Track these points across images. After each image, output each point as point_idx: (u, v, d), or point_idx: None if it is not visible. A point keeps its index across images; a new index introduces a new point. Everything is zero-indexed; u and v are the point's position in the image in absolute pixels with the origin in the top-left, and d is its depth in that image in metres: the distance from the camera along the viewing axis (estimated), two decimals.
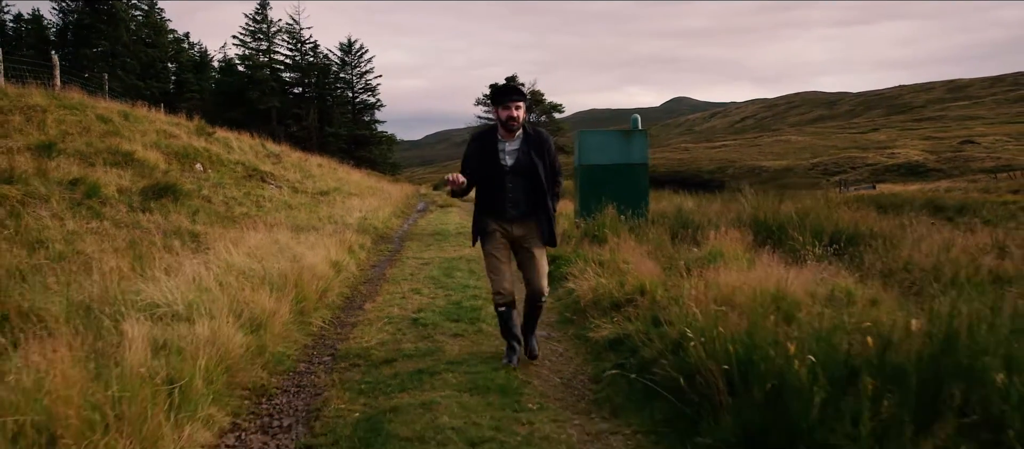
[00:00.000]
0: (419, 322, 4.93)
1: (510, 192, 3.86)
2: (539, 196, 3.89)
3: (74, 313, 3.70)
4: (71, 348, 2.83)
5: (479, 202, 4.01)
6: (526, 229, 3.95)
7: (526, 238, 3.95)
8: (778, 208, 7.72)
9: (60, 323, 3.42)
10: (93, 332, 3.33)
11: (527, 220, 3.94)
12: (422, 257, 8.32)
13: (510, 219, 3.91)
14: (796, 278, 4.53)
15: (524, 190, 3.87)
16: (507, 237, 3.96)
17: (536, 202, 3.91)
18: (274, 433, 3.11)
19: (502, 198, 3.88)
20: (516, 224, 3.92)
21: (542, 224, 3.93)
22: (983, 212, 20.38)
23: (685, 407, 2.89)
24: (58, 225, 6.58)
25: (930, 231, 7.02)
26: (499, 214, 3.91)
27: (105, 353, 3.02)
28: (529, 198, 3.89)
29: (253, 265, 5.59)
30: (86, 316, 3.66)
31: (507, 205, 3.88)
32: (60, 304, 3.77)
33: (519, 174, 3.85)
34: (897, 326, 2.63)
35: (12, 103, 10.70)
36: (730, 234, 6.35)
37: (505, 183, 3.86)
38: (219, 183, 10.83)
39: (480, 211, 4.00)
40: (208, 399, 3.15)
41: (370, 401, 3.39)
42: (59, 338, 2.95)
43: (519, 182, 3.86)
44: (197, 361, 3.24)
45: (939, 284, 4.77)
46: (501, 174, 3.85)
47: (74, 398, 2.42)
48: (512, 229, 3.93)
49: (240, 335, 3.86)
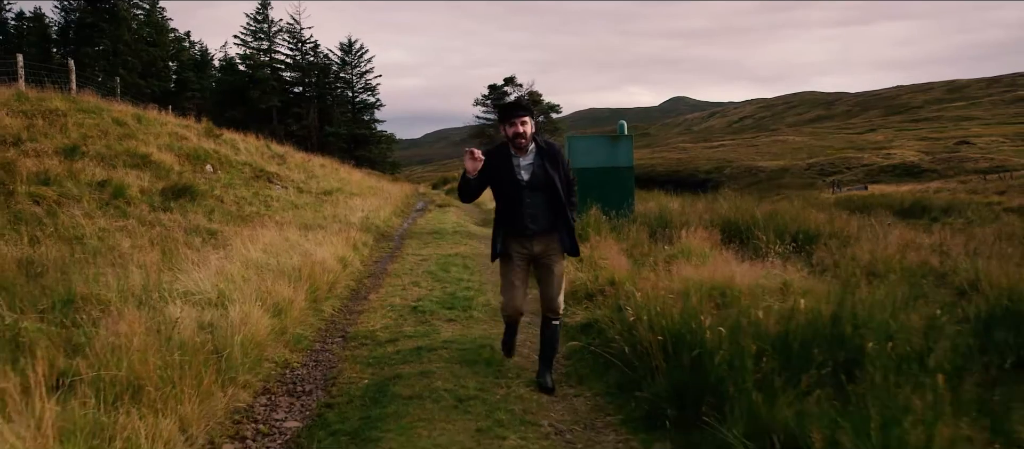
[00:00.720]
0: (418, 310, 5.64)
1: (528, 207, 3.84)
2: (558, 209, 3.87)
3: (126, 298, 4.39)
4: (140, 323, 3.54)
5: (498, 218, 3.99)
6: (546, 244, 3.92)
7: (545, 253, 3.92)
8: (746, 210, 8.43)
9: (119, 305, 4.11)
10: (147, 313, 4.03)
11: (547, 234, 3.91)
12: (421, 254, 9.03)
13: (530, 235, 3.87)
14: (747, 271, 5.25)
15: (542, 204, 3.85)
16: (527, 257, 3.93)
17: (555, 215, 3.88)
18: (298, 396, 3.82)
19: (520, 213, 3.84)
20: (536, 240, 3.89)
21: (563, 236, 3.90)
22: (968, 213, 21.07)
23: (632, 373, 3.60)
24: (90, 223, 7.28)
25: (885, 231, 7.73)
26: (519, 231, 3.87)
27: (162, 329, 3.72)
28: (548, 212, 3.87)
29: (269, 260, 6.31)
30: (136, 301, 4.36)
31: (526, 220, 3.85)
32: (115, 291, 4.46)
33: (536, 189, 3.84)
34: (796, 307, 3.35)
35: (34, 107, 11.37)
36: (699, 233, 7.06)
37: (523, 198, 3.83)
38: (229, 184, 11.53)
39: (499, 228, 3.96)
40: (244, 368, 3.87)
41: (377, 371, 4.10)
42: (127, 316, 3.66)
43: (537, 197, 3.84)
44: (234, 337, 3.95)
45: (874, 276, 5.49)
46: (519, 189, 3.83)
47: (150, 360, 3.13)
48: (533, 246, 3.90)
49: (266, 318, 4.57)
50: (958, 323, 3.84)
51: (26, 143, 9.41)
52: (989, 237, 7.80)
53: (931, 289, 4.89)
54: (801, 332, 3.03)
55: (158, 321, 3.82)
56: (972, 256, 6.00)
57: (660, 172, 64.60)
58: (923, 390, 2.45)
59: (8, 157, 8.20)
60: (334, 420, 3.36)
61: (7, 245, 5.87)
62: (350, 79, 51.50)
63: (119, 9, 49.38)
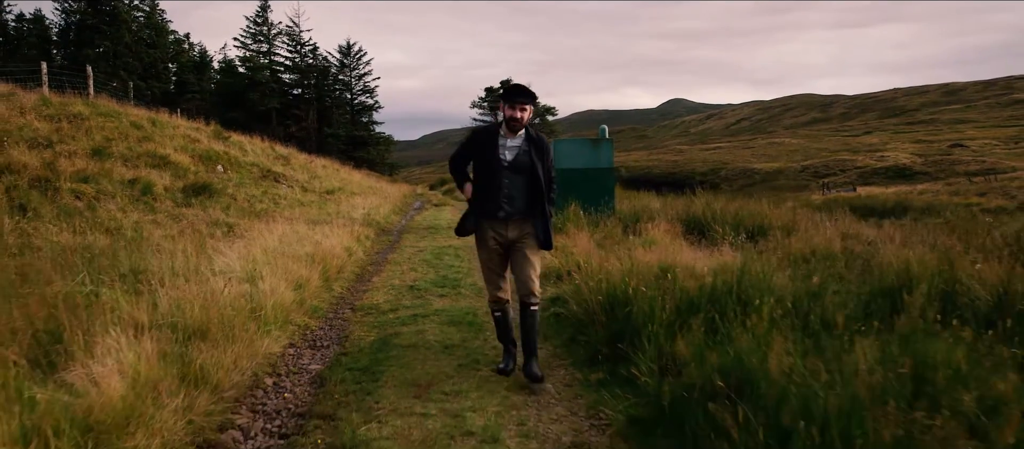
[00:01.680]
0: (414, 288, 6.66)
1: (506, 189, 3.85)
2: (536, 196, 3.89)
3: (176, 274, 5.40)
4: (191, 290, 4.55)
5: (473, 198, 4.00)
6: (521, 230, 3.94)
7: (520, 239, 3.95)
8: (707, 206, 9.47)
9: (170, 279, 5.12)
10: (194, 285, 5.03)
11: (522, 220, 3.93)
12: (417, 246, 10.05)
13: (504, 218, 3.89)
14: (692, 255, 6.27)
15: (521, 188, 3.87)
16: (501, 242, 3.96)
17: (532, 202, 3.91)
18: (318, 348, 4.83)
19: (496, 194, 3.86)
20: (511, 224, 3.92)
21: (538, 226, 3.93)
22: (946, 213, 22.13)
23: (582, 328, 4.63)
24: (124, 216, 8.29)
25: (827, 225, 8.76)
26: (492, 212, 3.90)
27: (210, 295, 4.73)
28: (525, 197, 3.89)
29: (285, 248, 7.31)
30: (183, 276, 5.36)
31: (501, 201, 3.86)
32: (166, 270, 5.47)
33: (517, 171, 3.85)
34: (708, 279, 4.37)
35: (58, 111, 12.37)
36: (663, 226, 8.09)
37: (502, 179, 3.85)
38: (240, 183, 12.54)
39: (473, 208, 4.00)
40: (276, 326, 4.88)
41: (381, 331, 5.12)
42: (180, 285, 4.68)
43: (516, 180, 3.86)
44: (267, 302, 4.96)
45: (804, 259, 6.50)
46: (499, 169, 3.84)
47: (211, 313, 4.14)
48: (507, 232, 3.93)
49: (289, 291, 5.59)
50: (844, 292, 4.85)
51: (57, 145, 10.41)
52: (927, 231, 8.82)
53: (842, 269, 5.91)
54: (705, 293, 4.06)
55: (206, 289, 4.82)
56: (896, 245, 7.00)
57: (656, 174, 65.63)
58: (775, 327, 3.47)
59: (47, 158, 9.20)
60: (348, 362, 4.37)
61: (61, 234, 6.87)
62: (349, 81, 52.57)
63: (119, 11, 50.05)
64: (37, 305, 3.80)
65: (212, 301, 4.32)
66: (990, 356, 2.95)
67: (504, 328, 4.05)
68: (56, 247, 6.17)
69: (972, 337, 3.21)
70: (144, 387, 3.08)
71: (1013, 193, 28.64)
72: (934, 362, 2.79)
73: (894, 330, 3.55)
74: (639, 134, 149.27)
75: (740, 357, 3.07)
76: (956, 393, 2.50)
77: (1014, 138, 71.23)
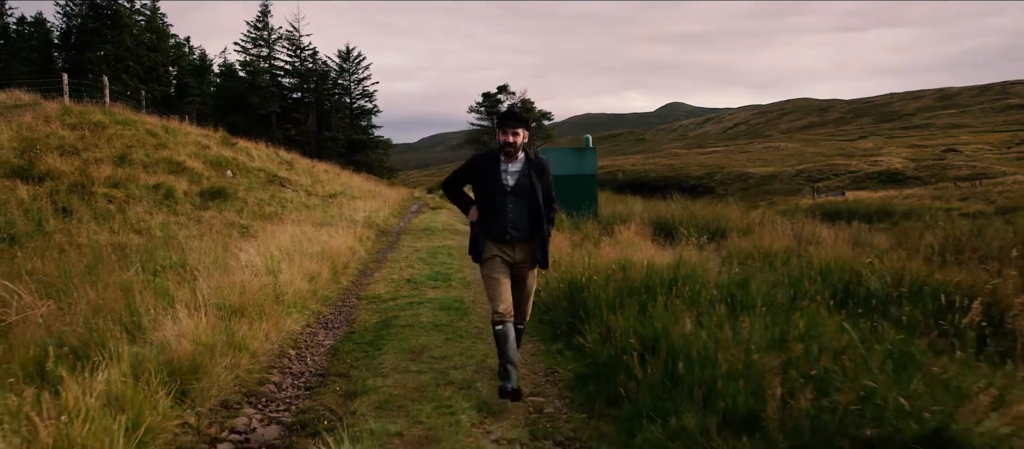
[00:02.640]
0: (411, 281, 7.68)
1: (511, 213, 3.95)
2: (537, 219, 4.01)
3: (207, 267, 6.41)
4: (226, 279, 5.58)
5: (479, 222, 4.08)
6: (525, 253, 4.07)
7: (523, 263, 4.08)
8: (674, 210, 10.53)
9: (206, 270, 6.12)
10: (226, 275, 6.04)
11: (526, 243, 4.04)
12: (414, 246, 11.07)
13: (511, 241, 3.99)
14: (653, 252, 7.29)
15: (524, 212, 3.97)
16: (509, 260, 4.06)
17: (533, 225, 4.02)
18: (330, 328, 5.85)
19: (503, 219, 3.96)
20: (517, 247, 4.03)
21: (537, 247, 4.06)
22: (925, 217, 23.20)
23: (547, 311, 5.65)
24: (150, 218, 9.31)
25: (787, 227, 9.79)
26: (499, 236, 3.99)
27: (241, 282, 5.74)
28: (528, 220, 3.99)
29: (297, 246, 8.33)
30: (218, 268, 6.37)
31: (507, 226, 3.96)
32: (199, 263, 6.48)
33: (520, 195, 3.94)
34: (654, 267, 5.40)
35: (79, 120, 13.39)
36: (634, 228, 9.12)
37: (506, 203, 3.94)
38: (249, 187, 13.56)
39: (480, 232, 4.08)
40: (295, 310, 5.90)
41: (382, 315, 6.14)
42: (220, 276, 5.69)
43: (520, 204, 3.95)
44: (288, 289, 5.99)
45: (752, 257, 7.52)
46: (503, 194, 3.94)
47: (245, 297, 5.16)
48: (514, 253, 4.04)
49: (304, 283, 6.62)
50: (768, 281, 5.87)
51: (84, 152, 11.43)
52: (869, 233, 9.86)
53: (780, 264, 6.93)
54: (642, 281, 5.09)
55: (237, 279, 5.84)
56: (830, 245, 8.04)
57: (652, 178, 66.61)
58: (695, 305, 4.49)
59: (78, 164, 10.22)
60: (356, 338, 5.39)
61: (101, 233, 7.89)
62: (348, 86, 53.64)
63: (121, 15, 50.74)
64: (113, 289, 4.82)
65: (247, 287, 5.34)
66: (838, 324, 3.97)
67: (505, 344, 3.93)
68: (98, 245, 7.18)
69: (838, 314, 4.24)
70: (204, 348, 4.10)
71: (993, 198, 29.70)
72: (789, 328, 3.81)
73: (794, 309, 4.57)
74: (637, 138, 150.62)
75: (655, 327, 4.10)
76: (790, 344, 3.52)
77: (1006, 143, 72.15)
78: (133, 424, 3.09)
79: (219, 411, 3.76)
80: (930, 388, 3.06)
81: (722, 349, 3.50)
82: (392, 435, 3.36)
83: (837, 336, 3.77)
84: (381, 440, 3.29)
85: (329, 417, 3.62)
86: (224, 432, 3.52)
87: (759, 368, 3.33)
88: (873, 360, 3.30)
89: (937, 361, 3.53)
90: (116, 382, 3.26)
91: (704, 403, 3.25)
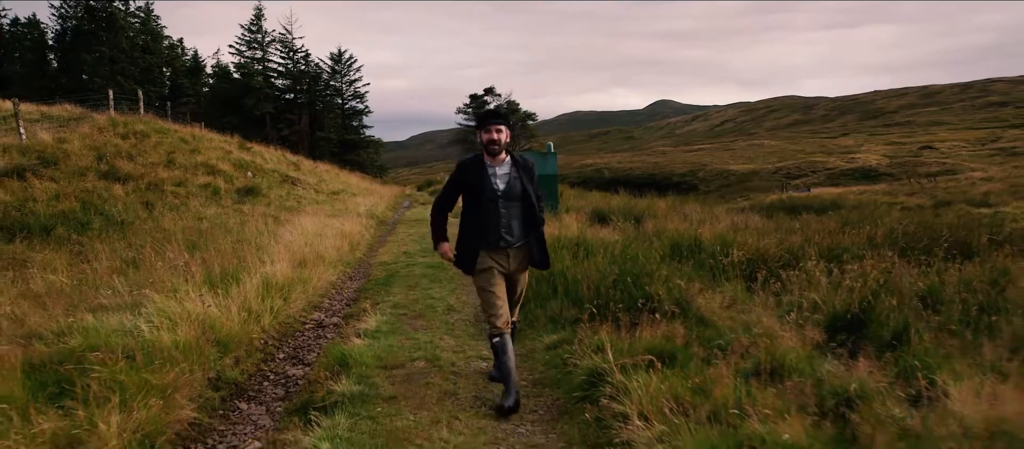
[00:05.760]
0: (407, 253, 10.84)
1: (504, 218, 3.87)
2: (531, 221, 3.96)
3: (258, 244, 9.48)
4: (284, 247, 8.71)
5: (468, 231, 3.95)
6: (520, 260, 4.02)
7: (518, 269, 4.04)
8: (609, 201, 13.72)
9: (269, 241, 9.20)
10: (283, 244, 9.13)
11: (520, 248, 3.99)
12: (408, 232, 14.21)
13: (504, 247, 3.92)
14: (581, 231, 10.43)
15: (517, 215, 3.91)
16: (503, 271, 3.98)
17: (528, 228, 3.96)
18: (354, 279, 8.99)
19: (495, 225, 3.87)
20: (511, 254, 3.97)
21: (533, 248, 4.01)
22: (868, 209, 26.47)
23: None
24: (204, 210, 12.38)
25: (700, 212, 12.99)
26: (492, 244, 3.90)
27: (296, 248, 8.85)
28: (521, 224, 3.94)
29: (321, 230, 11.44)
30: (268, 244, 9.44)
31: (501, 231, 3.87)
32: (255, 240, 9.56)
33: (512, 199, 3.88)
34: (604, 242, 8.57)
35: (126, 129, 16.40)
36: (574, 216, 12.30)
37: (499, 208, 3.86)
38: (270, 186, 16.65)
39: (471, 242, 3.94)
40: (330, 268, 9.02)
41: (389, 271, 9.28)
42: (277, 246, 8.82)
43: (512, 207, 3.89)
44: (326, 254, 9.12)
45: (656, 236, 10.69)
46: (494, 198, 3.85)
47: (306, 253, 8.28)
48: (509, 261, 3.97)
49: (333, 252, 9.74)
50: (657, 247, 9.02)
51: (138, 158, 14.47)
52: (777, 221, 13.04)
53: (657, 237, 10.06)
54: (559, 244, 8.24)
55: (293, 246, 8.94)
56: (742, 230, 11.24)
57: (637, 176, 69.73)
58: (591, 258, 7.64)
59: (140, 169, 13.26)
60: (372, 282, 8.51)
61: (177, 222, 10.95)
62: (340, 87, 56.61)
63: (117, 17, 52.69)
64: (218, 249, 7.93)
65: (308, 248, 8.48)
66: (684, 274, 7.10)
67: (504, 353, 3.87)
68: (185, 228, 10.25)
69: (672, 261, 7.40)
70: (289, 279, 7.21)
71: (938, 194, 33.08)
72: (643, 272, 6.97)
73: (635, 256, 7.71)
74: (626, 135, 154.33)
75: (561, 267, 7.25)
76: (640, 280, 6.67)
77: (982, 140, 75.21)
78: (270, 309, 6.19)
79: (303, 310, 6.89)
80: (686, 287, 6.22)
81: (580, 271, 6.65)
82: (400, 315, 6.50)
83: (658, 267, 6.93)
84: (394, 316, 6.43)
85: (364, 313, 6.75)
86: (308, 322, 6.64)
87: (598, 279, 6.47)
88: (658, 272, 6.46)
89: (698, 281, 6.70)
90: (256, 288, 6.36)
91: (564, 296, 6.38)
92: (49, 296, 5.77)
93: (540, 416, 3.92)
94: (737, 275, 7.10)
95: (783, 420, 2.79)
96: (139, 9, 55.79)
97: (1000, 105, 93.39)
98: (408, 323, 6.22)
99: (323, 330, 6.29)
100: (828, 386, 3.44)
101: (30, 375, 3.57)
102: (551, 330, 5.56)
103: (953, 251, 8.10)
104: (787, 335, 4.67)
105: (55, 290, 6.12)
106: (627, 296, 5.63)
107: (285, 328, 6.15)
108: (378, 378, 4.46)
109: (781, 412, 2.90)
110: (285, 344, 5.75)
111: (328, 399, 3.99)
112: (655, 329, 4.50)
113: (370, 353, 4.98)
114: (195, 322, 4.82)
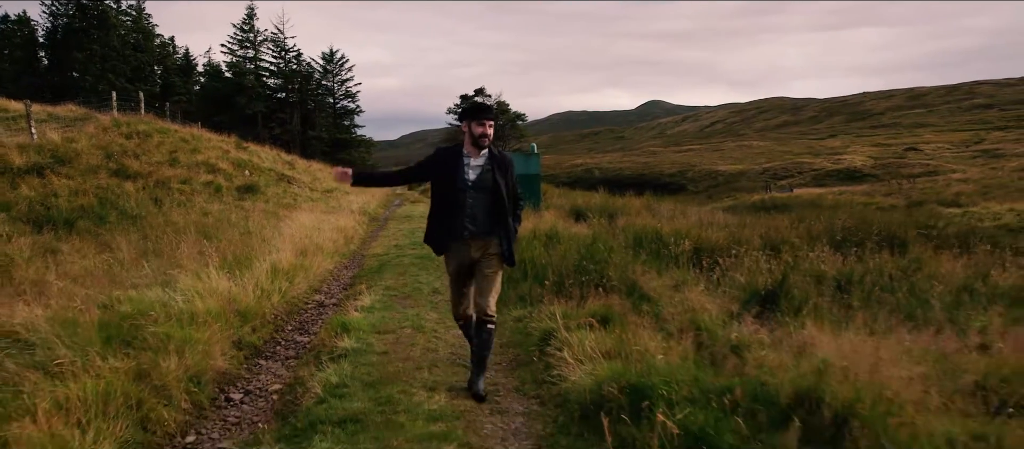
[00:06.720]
0: (397, 246, 11.87)
1: (469, 208, 3.96)
2: (499, 214, 4.02)
3: (262, 236, 10.48)
4: (288, 238, 9.74)
5: (436, 217, 4.11)
6: (484, 248, 4.08)
7: (483, 258, 4.09)
8: (586, 199, 14.80)
9: (271, 233, 10.19)
10: (285, 236, 10.15)
11: (486, 238, 4.06)
12: (399, 227, 15.24)
13: (467, 236, 4.01)
14: (557, 225, 11.51)
15: (484, 207, 3.99)
16: (466, 261, 4.10)
17: (496, 220, 4.03)
18: (349, 268, 10.03)
19: (460, 214, 3.97)
20: (474, 243, 4.04)
21: (502, 242, 4.07)
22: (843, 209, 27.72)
23: None
24: (208, 206, 13.35)
25: (671, 209, 14.10)
26: (456, 232, 4.02)
27: (298, 240, 9.86)
28: (489, 215, 4.01)
29: (318, 224, 12.44)
30: (275, 234, 10.43)
31: (465, 220, 3.97)
32: (259, 233, 10.55)
33: (481, 190, 3.97)
34: (575, 235, 9.64)
35: (130, 129, 17.31)
36: (554, 212, 13.37)
37: (466, 198, 3.96)
38: (267, 184, 17.62)
39: (437, 228, 4.12)
40: (329, 257, 10.04)
41: (381, 261, 10.32)
42: (280, 237, 9.84)
43: (480, 198, 3.98)
44: (325, 245, 10.14)
45: (624, 231, 11.77)
46: (463, 188, 3.96)
47: (307, 243, 9.30)
48: (470, 250, 4.06)
49: (330, 244, 10.76)
50: (621, 239, 10.09)
51: (142, 156, 15.40)
52: (743, 219, 14.17)
53: (623, 231, 11.13)
54: (532, 236, 9.30)
55: (294, 237, 9.94)
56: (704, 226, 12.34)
57: (627, 176, 70.95)
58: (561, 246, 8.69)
59: (146, 167, 14.21)
60: (364, 274, 9.54)
61: (185, 215, 11.92)
62: (331, 86, 57.49)
63: (108, 15, 53.05)
64: (227, 240, 8.94)
65: (308, 240, 9.49)
66: (638, 259, 8.17)
67: (469, 331, 4.34)
68: (192, 223, 11.23)
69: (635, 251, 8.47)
70: (293, 265, 8.23)
71: (913, 194, 34.39)
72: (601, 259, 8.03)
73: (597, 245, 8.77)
74: (617, 136, 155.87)
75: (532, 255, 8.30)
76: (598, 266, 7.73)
77: (966, 142, 76.77)
78: (279, 290, 7.20)
79: (305, 293, 7.91)
80: (634, 270, 7.28)
81: (548, 259, 7.70)
82: (391, 296, 7.54)
83: (614, 255, 7.98)
84: (386, 296, 7.47)
85: (360, 294, 7.78)
86: (311, 302, 7.66)
87: (561, 264, 7.53)
88: (613, 259, 7.52)
89: (650, 267, 7.78)
90: (266, 272, 7.37)
91: (533, 280, 7.43)
92: (87, 277, 6.77)
93: (503, 367, 4.99)
94: (686, 262, 8.19)
95: (669, 353, 3.86)
96: (130, 7, 56.30)
97: (985, 107, 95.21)
98: (398, 302, 7.27)
99: (323, 309, 7.33)
100: (722, 337, 4.51)
101: (99, 330, 4.58)
102: (519, 307, 6.62)
103: (883, 244, 9.24)
104: (711, 306, 5.75)
105: (90, 273, 7.12)
106: (583, 278, 6.69)
107: (291, 306, 7.18)
108: (373, 339, 5.51)
109: (671, 350, 3.97)
110: (292, 319, 6.79)
111: (334, 352, 5.05)
112: (598, 301, 5.56)
113: (366, 322, 6.03)
114: (220, 296, 5.84)
